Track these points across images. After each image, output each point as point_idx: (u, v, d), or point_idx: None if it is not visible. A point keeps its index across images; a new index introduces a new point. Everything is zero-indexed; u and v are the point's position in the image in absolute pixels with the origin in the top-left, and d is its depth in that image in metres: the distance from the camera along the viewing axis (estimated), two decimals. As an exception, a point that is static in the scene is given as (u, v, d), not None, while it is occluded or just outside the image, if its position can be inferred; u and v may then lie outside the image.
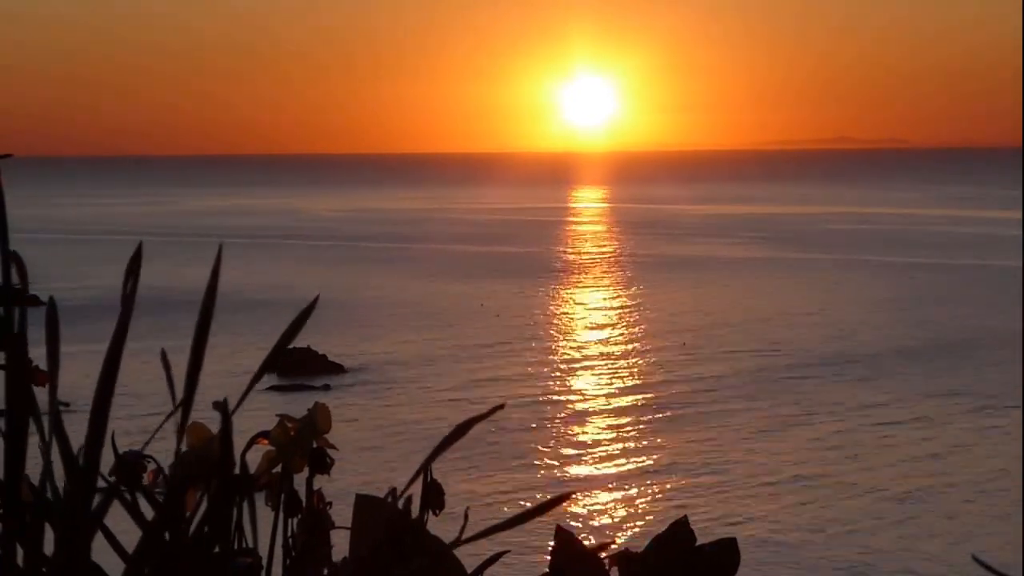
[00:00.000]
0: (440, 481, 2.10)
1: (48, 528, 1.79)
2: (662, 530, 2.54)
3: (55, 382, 1.84)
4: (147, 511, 1.91)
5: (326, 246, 76.03)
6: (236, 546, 1.92)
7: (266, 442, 2.10)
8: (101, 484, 1.83)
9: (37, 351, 1.85)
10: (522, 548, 16.34)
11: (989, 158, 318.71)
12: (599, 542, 2.48)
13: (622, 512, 22.51)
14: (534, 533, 17.64)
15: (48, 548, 1.78)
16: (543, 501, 1.83)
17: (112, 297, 1.77)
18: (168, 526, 1.80)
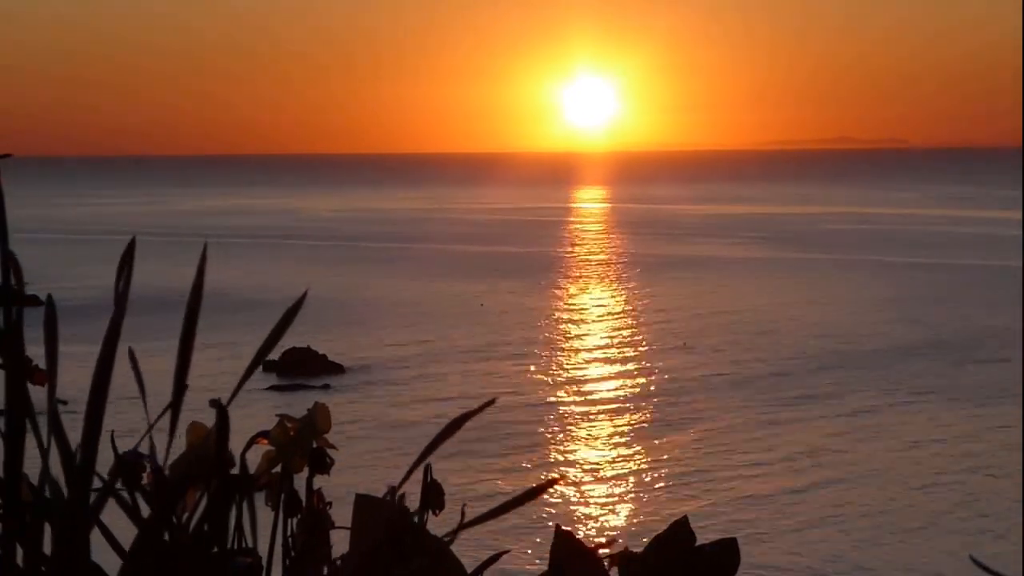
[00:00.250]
0: (438, 480, 2.09)
1: (47, 527, 1.78)
2: (662, 530, 2.53)
3: (53, 381, 1.84)
4: (147, 511, 1.91)
5: (326, 246, 76.06)
6: (236, 546, 1.92)
7: (266, 442, 2.10)
8: (98, 484, 1.82)
9: (36, 351, 1.84)
10: (522, 548, 16.34)
11: (989, 158, 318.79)
12: (599, 542, 2.47)
13: (621, 511, 22.50)
14: (534, 533, 17.64)
15: (48, 548, 1.77)
16: (530, 488, 1.83)
17: (111, 297, 1.78)
18: (165, 525, 1.80)
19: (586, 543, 2.48)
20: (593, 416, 29.53)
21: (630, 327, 42.91)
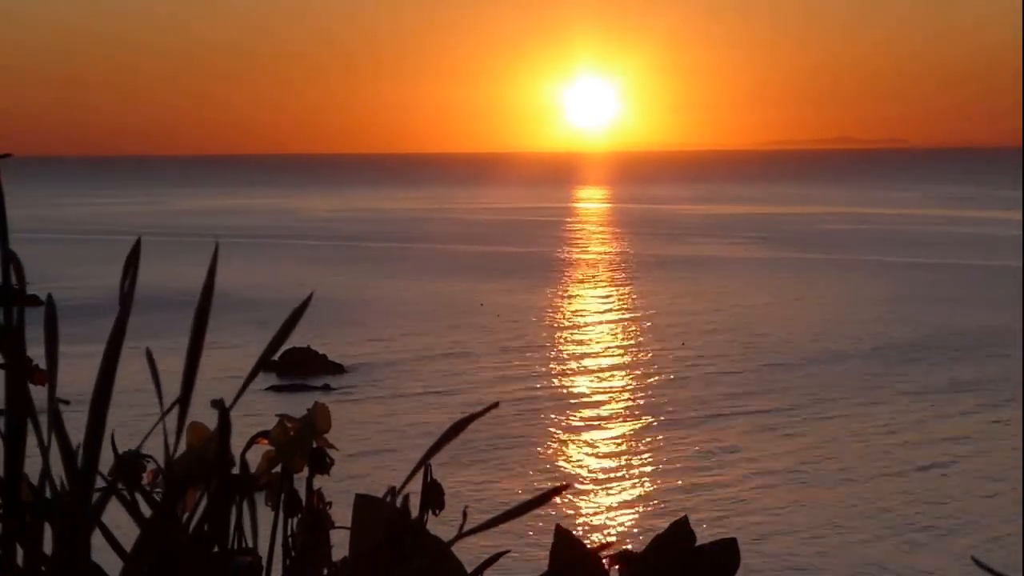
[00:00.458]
0: (438, 482, 2.09)
1: (47, 527, 1.78)
2: (662, 530, 2.53)
3: (54, 381, 1.84)
4: (147, 511, 1.91)
5: (326, 246, 76.04)
6: (236, 546, 1.92)
7: (266, 442, 2.10)
8: (101, 483, 1.83)
9: (36, 351, 1.85)
10: (522, 548, 16.34)
11: (989, 158, 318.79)
12: (599, 542, 2.47)
13: (622, 511, 22.51)
14: (534, 533, 17.65)
15: (48, 548, 1.78)
16: (539, 494, 1.83)
17: (112, 296, 1.78)
18: (166, 524, 1.80)
19: (586, 543, 2.47)
20: (593, 416, 29.53)
21: (630, 326, 42.91)
